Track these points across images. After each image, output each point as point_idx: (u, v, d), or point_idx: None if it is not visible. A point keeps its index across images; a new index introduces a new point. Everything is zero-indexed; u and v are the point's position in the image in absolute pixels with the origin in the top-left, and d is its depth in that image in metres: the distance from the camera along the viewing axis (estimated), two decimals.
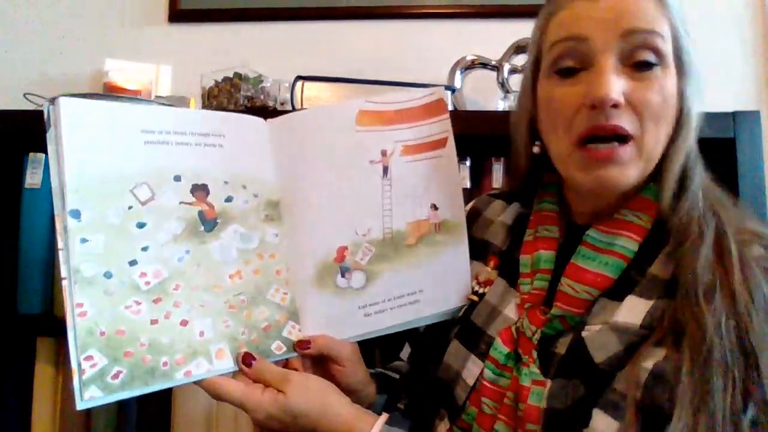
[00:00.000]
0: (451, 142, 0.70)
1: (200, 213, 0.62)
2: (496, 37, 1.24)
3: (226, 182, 0.64)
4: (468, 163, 1.13)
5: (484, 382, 0.62)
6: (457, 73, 1.23)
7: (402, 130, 0.68)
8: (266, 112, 1.16)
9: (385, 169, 0.67)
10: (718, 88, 1.35)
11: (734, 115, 1.00)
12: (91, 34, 1.41)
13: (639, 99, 0.56)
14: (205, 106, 1.19)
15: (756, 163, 0.99)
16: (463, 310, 0.70)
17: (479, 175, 1.14)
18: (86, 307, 0.54)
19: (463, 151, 1.13)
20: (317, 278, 0.65)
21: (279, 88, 1.20)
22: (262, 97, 1.18)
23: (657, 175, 0.60)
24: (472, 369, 0.65)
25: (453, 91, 1.20)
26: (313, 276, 0.65)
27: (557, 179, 0.69)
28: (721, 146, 1.00)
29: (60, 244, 0.55)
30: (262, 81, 1.19)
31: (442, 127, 0.70)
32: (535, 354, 0.60)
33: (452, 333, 0.70)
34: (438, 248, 0.69)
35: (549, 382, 0.58)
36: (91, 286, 0.55)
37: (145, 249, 0.58)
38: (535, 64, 0.64)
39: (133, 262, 0.57)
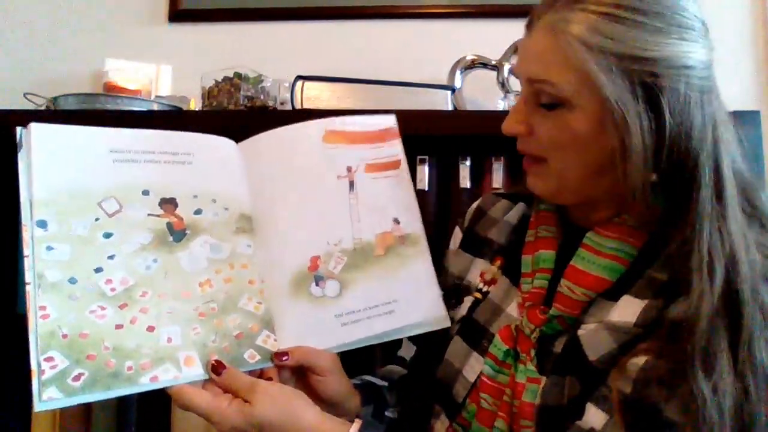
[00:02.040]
0: (404, 164, 0.75)
1: (168, 224, 0.63)
2: (496, 37, 1.24)
3: (195, 196, 0.66)
4: (468, 162, 1.13)
5: (484, 378, 0.63)
6: (457, 73, 1.23)
7: (364, 150, 0.73)
8: (266, 112, 1.17)
9: (351, 184, 0.71)
10: (719, 88, 1.35)
11: (734, 115, 1.00)
12: (91, 34, 1.41)
13: (540, 134, 0.60)
14: (205, 106, 1.19)
15: (756, 163, 0.99)
16: (467, 309, 0.71)
17: (479, 175, 1.14)
18: (49, 310, 0.55)
19: (463, 151, 1.14)
20: (292, 287, 0.66)
21: (279, 88, 1.20)
22: (262, 97, 1.18)
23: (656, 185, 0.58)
24: (474, 365, 0.66)
25: (453, 91, 1.20)
26: (288, 285, 0.66)
27: None
28: None
29: (26, 252, 0.56)
30: (262, 81, 1.19)
31: (395, 150, 0.75)
32: (533, 352, 0.61)
33: (454, 330, 0.70)
34: (405, 259, 0.71)
35: (544, 380, 0.59)
36: (55, 291, 0.56)
37: (111, 257, 0.59)
38: None
39: (98, 269, 0.58)
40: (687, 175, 0.56)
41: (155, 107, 1.18)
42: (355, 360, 0.72)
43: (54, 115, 1.14)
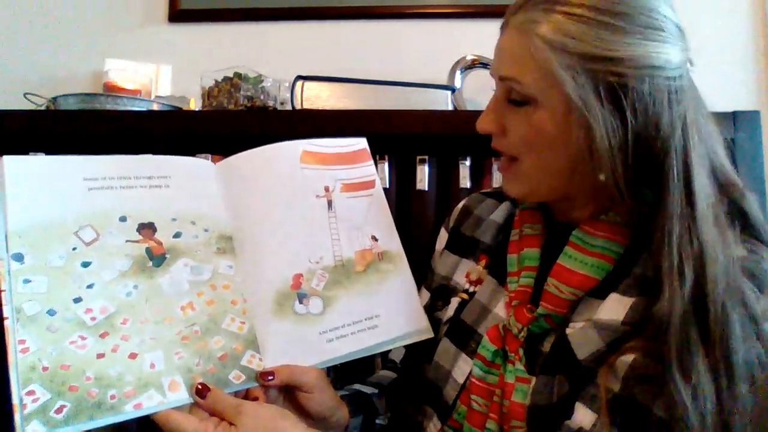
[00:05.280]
0: (378, 184, 0.77)
1: (147, 250, 0.63)
2: (496, 37, 1.24)
3: (173, 219, 0.66)
4: (468, 162, 1.13)
5: (473, 380, 0.63)
6: (457, 73, 1.23)
7: (340, 170, 0.75)
8: (266, 112, 1.17)
9: (329, 203, 0.72)
10: (718, 88, 1.36)
11: (734, 115, 1.00)
12: (91, 34, 1.41)
13: (510, 131, 0.62)
14: (204, 106, 1.20)
15: (756, 163, 0.99)
16: (454, 310, 0.71)
17: (479, 175, 1.14)
18: (28, 344, 0.55)
19: (463, 151, 1.14)
20: (276, 306, 0.66)
21: (279, 88, 1.20)
22: (262, 97, 1.18)
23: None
24: (463, 367, 0.66)
25: (453, 91, 1.20)
26: (272, 304, 0.66)
27: None
28: None
29: (2, 286, 0.56)
30: (262, 81, 1.19)
31: (369, 171, 0.77)
32: (521, 351, 0.61)
33: (442, 332, 0.70)
34: (385, 275, 0.72)
35: (534, 379, 0.59)
36: (34, 324, 0.56)
37: (90, 286, 0.59)
38: None
39: (77, 300, 0.58)
40: (658, 175, 0.56)
41: (155, 107, 1.18)
42: (355, 363, 0.72)
43: (54, 115, 1.14)
